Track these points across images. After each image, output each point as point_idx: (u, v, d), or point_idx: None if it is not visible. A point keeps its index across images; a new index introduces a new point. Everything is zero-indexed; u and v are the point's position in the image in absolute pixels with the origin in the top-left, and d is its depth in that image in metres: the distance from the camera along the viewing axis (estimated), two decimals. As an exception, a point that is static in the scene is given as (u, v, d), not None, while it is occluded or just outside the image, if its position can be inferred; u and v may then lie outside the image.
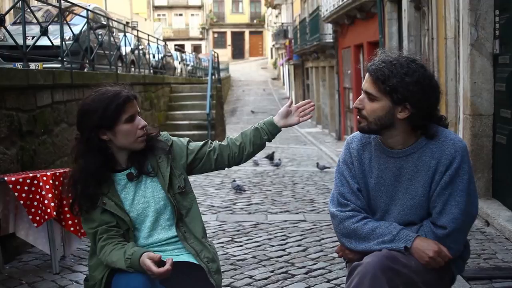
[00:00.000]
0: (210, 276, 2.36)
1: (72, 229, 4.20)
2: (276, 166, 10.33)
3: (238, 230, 5.41)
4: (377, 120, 2.17)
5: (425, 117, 2.16)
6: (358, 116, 2.23)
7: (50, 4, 8.99)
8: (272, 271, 4.13)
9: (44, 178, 4.06)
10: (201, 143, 2.53)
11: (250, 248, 4.78)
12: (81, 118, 2.33)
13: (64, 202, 4.14)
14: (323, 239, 5.01)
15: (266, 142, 2.55)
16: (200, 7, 56.28)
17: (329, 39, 18.59)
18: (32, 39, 6.86)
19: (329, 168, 9.86)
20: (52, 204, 3.99)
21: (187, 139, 2.55)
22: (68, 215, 4.17)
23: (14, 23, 9.55)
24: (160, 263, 2.13)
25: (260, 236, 5.16)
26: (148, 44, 14.92)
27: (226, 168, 2.60)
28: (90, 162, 2.31)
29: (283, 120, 2.54)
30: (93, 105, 2.29)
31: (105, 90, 2.33)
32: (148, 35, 15.08)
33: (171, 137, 2.52)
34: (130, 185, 2.39)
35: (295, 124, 2.56)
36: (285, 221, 5.78)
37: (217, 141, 2.56)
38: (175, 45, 33.83)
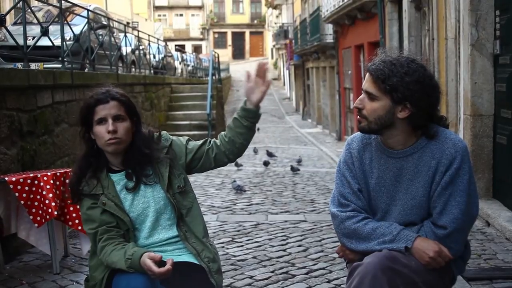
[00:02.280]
0: (211, 276, 2.36)
1: (79, 228, 4.19)
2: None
3: (238, 231, 5.41)
4: (377, 119, 2.17)
5: (425, 116, 2.16)
6: (358, 116, 2.24)
7: (51, 4, 9.01)
8: (272, 272, 4.13)
9: (45, 178, 4.06)
10: (200, 142, 2.52)
11: (250, 249, 4.78)
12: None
13: (69, 202, 4.14)
14: (323, 239, 5.01)
15: (254, 127, 2.47)
16: (200, 8, 56.28)
17: (329, 39, 18.57)
18: (33, 39, 6.87)
19: (298, 170, 9.69)
20: (53, 204, 4.00)
21: (187, 138, 2.54)
22: (74, 215, 4.17)
23: (15, 23, 9.57)
24: (160, 263, 2.13)
25: (261, 237, 5.17)
26: (149, 44, 14.93)
27: (228, 164, 2.57)
28: (87, 157, 2.40)
29: (251, 99, 2.42)
30: (81, 106, 2.39)
31: (92, 91, 2.39)
32: (149, 35, 15.09)
33: (171, 136, 2.52)
34: (130, 186, 2.39)
35: (263, 94, 2.42)
36: (286, 221, 5.79)
37: (214, 139, 2.55)
38: (176, 45, 33.84)
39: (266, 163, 10.46)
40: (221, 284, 2.43)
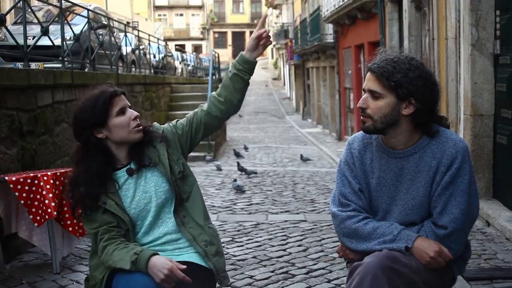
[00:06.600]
0: (208, 259, 2.36)
1: (70, 229, 4.21)
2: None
3: (238, 230, 5.41)
4: (383, 117, 2.17)
5: (429, 113, 2.18)
6: (362, 117, 2.22)
7: (51, 4, 8.98)
8: (272, 271, 4.13)
9: (45, 178, 4.06)
10: (187, 119, 2.51)
11: (250, 248, 4.78)
12: (75, 122, 2.38)
13: (64, 202, 4.14)
14: (323, 239, 5.01)
15: (249, 80, 2.51)
16: (200, 7, 56.27)
17: (329, 39, 18.56)
18: (33, 39, 6.86)
19: (256, 173, 9.21)
20: (53, 204, 4.00)
21: (174, 122, 2.55)
22: (67, 215, 4.18)
23: (15, 23, 9.57)
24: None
25: (261, 236, 5.17)
26: (149, 44, 14.93)
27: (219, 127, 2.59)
28: (92, 163, 2.33)
29: (253, 53, 2.48)
30: (83, 106, 2.35)
31: (92, 91, 2.38)
32: (149, 35, 15.09)
33: (160, 125, 2.54)
34: (131, 182, 2.39)
35: (264, 48, 2.49)
36: (286, 221, 5.79)
37: (201, 107, 2.52)
38: (176, 45, 33.84)
39: (242, 169, 9.32)
40: (223, 267, 2.42)
